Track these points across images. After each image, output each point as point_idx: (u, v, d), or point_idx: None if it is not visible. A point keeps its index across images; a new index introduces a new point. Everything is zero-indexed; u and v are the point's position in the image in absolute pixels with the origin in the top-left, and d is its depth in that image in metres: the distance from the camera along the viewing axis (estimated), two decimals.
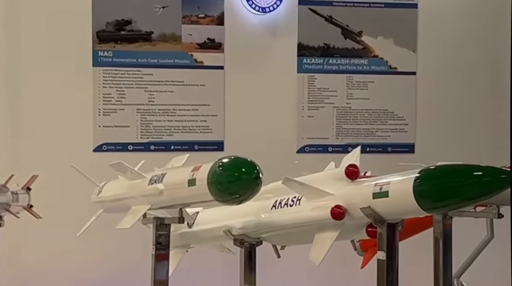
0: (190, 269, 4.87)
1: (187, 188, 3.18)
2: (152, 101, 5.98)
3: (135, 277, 5.09)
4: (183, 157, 3.99)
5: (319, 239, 3.43)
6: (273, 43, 6.15)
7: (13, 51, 5.71)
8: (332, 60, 6.24)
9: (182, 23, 5.97)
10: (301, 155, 6.17)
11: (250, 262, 3.90)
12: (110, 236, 4.97)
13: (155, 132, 6.00)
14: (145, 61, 5.95)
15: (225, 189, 3.00)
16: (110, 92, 5.90)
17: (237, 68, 6.09)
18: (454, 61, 6.42)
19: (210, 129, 6.08)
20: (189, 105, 6.05)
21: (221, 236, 3.95)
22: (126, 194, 3.78)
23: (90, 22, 5.80)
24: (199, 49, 6.01)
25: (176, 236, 4.06)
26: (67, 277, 5.70)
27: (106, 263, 5.76)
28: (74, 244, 4.99)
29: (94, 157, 5.81)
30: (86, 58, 5.82)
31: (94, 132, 5.88)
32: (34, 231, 5.34)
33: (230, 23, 6.04)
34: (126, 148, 5.94)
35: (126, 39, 5.90)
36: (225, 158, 3.04)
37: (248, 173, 2.95)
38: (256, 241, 3.87)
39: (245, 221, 3.80)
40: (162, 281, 3.55)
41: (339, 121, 6.27)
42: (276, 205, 3.70)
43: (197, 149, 6.00)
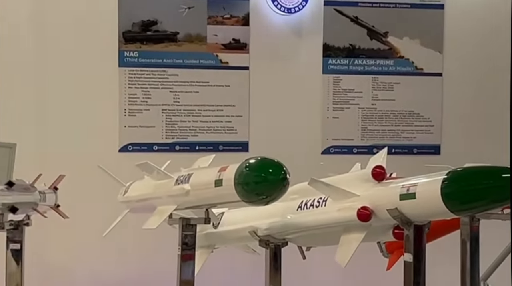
0: (215, 270, 4.86)
1: (213, 189, 3.19)
2: (177, 102, 5.99)
3: (161, 278, 5.10)
4: (209, 157, 4.00)
5: (345, 241, 3.41)
6: (299, 44, 6.14)
7: (40, 52, 5.75)
8: (357, 61, 6.22)
9: (208, 24, 5.98)
10: (325, 156, 6.16)
11: (276, 263, 3.90)
12: (136, 236, 4.99)
13: (180, 133, 6.01)
14: (170, 62, 5.96)
15: (252, 190, 2.99)
16: (135, 93, 5.92)
17: (262, 69, 6.09)
18: (481, 62, 6.37)
19: (235, 130, 6.09)
20: (214, 106, 6.05)
21: (246, 236, 3.95)
22: (152, 194, 3.79)
23: (116, 23, 5.83)
24: (224, 49, 6.01)
25: (202, 237, 4.06)
26: (93, 277, 5.73)
27: (132, 263, 5.78)
28: (100, 244, 5.02)
29: (119, 157, 5.83)
30: (112, 58, 5.84)
31: (120, 133, 5.90)
32: (60, 231, 5.36)
33: (255, 23, 6.04)
34: (151, 148, 5.95)
35: (151, 40, 5.92)
36: (252, 159, 3.04)
37: (275, 174, 2.94)
38: (282, 242, 3.87)
39: (270, 222, 3.80)
40: (188, 281, 3.56)
41: (364, 122, 6.24)
42: (302, 206, 3.69)
43: (221, 150, 6.00)
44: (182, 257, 3.55)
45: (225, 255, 4.60)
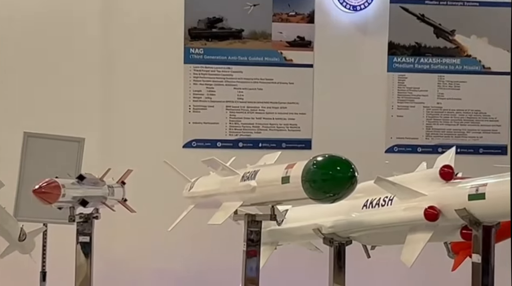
0: (279, 267, 4.87)
1: (280, 186, 3.17)
2: (241, 99, 6.02)
3: (225, 272, 5.14)
4: (275, 154, 3.99)
5: (411, 240, 3.37)
6: (363, 42, 6.11)
7: (107, 48, 5.84)
8: (423, 59, 6.16)
9: (273, 21, 6.00)
10: (389, 154, 6.11)
11: (339, 261, 3.87)
12: (201, 231, 5.01)
13: (244, 130, 6.04)
14: (235, 59, 5.99)
15: (319, 187, 2.97)
16: (200, 89, 5.97)
17: (326, 66, 6.07)
18: None
19: (298, 127, 6.09)
20: (278, 103, 6.06)
21: (310, 234, 3.93)
22: (217, 190, 3.80)
23: (183, 20, 5.89)
24: (289, 47, 6.02)
25: (265, 233, 4.06)
26: (157, 271, 5.80)
27: (196, 258, 5.83)
28: (165, 238, 5.08)
29: (183, 153, 5.89)
30: (177, 55, 5.91)
31: (184, 129, 5.96)
32: (126, 225, 5.44)
33: (320, 21, 6.03)
34: (215, 144, 6.00)
35: (217, 37, 5.97)
36: (319, 156, 3.02)
37: (343, 172, 2.92)
38: (346, 240, 3.84)
39: (335, 220, 3.78)
40: (252, 277, 3.56)
41: (429, 121, 6.18)
42: (367, 205, 3.66)
43: (284, 147, 6.01)
44: (247, 253, 3.55)
45: (288, 252, 4.60)
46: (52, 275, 5.09)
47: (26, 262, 4.94)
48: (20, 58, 5.74)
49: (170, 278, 5.83)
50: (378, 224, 3.56)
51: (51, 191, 3.42)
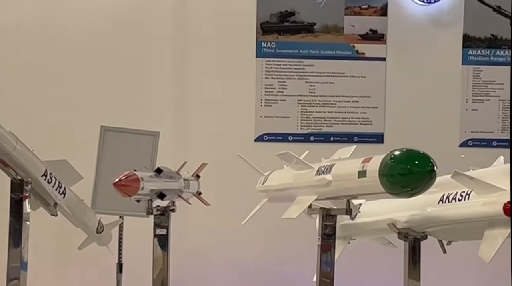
0: (352, 261, 4.85)
1: (356, 180, 3.15)
2: (312, 93, 6.01)
3: (298, 267, 5.16)
4: (350, 148, 3.97)
5: (489, 236, 3.32)
6: (437, 35, 6.02)
7: (181, 42, 5.90)
8: (499, 52, 6.05)
9: (345, 14, 5.97)
10: (464, 148, 6.03)
11: (415, 256, 3.84)
12: (274, 225, 5.04)
13: (315, 124, 6.03)
14: (307, 52, 5.99)
15: (397, 182, 2.94)
16: (272, 83, 5.98)
17: (399, 59, 6.02)
18: None
19: (370, 121, 6.05)
20: (350, 97, 6.04)
21: (384, 229, 3.91)
22: (292, 184, 3.80)
23: (255, 14, 5.91)
24: (361, 40, 5.99)
25: (338, 228, 4.04)
26: (231, 264, 5.85)
27: (270, 252, 5.86)
28: (239, 232, 5.11)
29: (255, 147, 5.92)
30: (250, 49, 5.93)
31: (256, 123, 5.98)
32: (200, 218, 5.49)
33: (393, 14, 5.98)
34: (286, 138, 6.00)
35: (289, 31, 5.97)
36: (397, 150, 3.00)
37: (421, 166, 2.89)
38: (421, 235, 3.81)
39: (410, 215, 3.75)
40: (327, 271, 3.56)
41: (505, 115, 6.07)
42: (443, 199, 3.62)
43: (356, 141, 5.98)
44: (321, 247, 3.55)
45: (361, 247, 4.58)
46: (128, 267, 5.18)
47: (104, 254, 5.04)
48: (97, 58, 5.85)
49: (244, 271, 5.86)
50: (455, 219, 3.51)
51: (130, 184, 3.47)
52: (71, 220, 4.50)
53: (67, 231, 4.80)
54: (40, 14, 5.81)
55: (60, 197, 4.16)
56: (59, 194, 4.14)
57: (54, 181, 4.08)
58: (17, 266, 3.85)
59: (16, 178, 3.84)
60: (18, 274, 3.86)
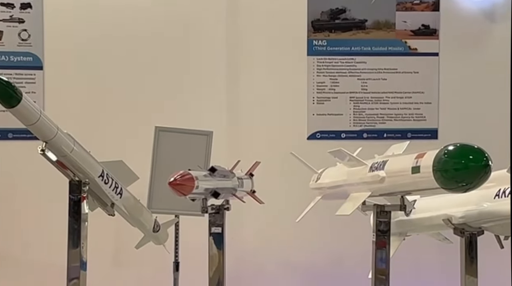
0: (408, 258, 4.83)
1: (410, 175, 3.16)
2: (365, 89, 5.99)
3: (352, 264, 5.16)
4: (403, 144, 3.97)
5: None
6: (491, 29, 5.95)
7: (233, 42, 5.93)
8: None
9: (396, 10, 5.93)
10: None
11: (471, 252, 3.82)
12: (327, 222, 5.04)
13: (368, 120, 6.01)
14: (358, 49, 5.97)
15: (451, 177, 2.93)
16: (324, 81, 5.98)
17: (452, 55, 5.96)
18: None
19: (424, 117, 6.01)
20: (402, 93, 6.00)
21: (439, 224, 3.90)
22: (345, 180, 3.81)
23: (306, 12, 5.91)
24: (413, 36, 5.94)
25: (393, 224, 4.03)
26: (285, 262, 5.87)
27: (324, 249, 5.85)
28: (293, 230, 5.12)
29: (308, 145, 5.92)
30: (301, 47, 5.94)
31: (308, 120, 5.98)
32: (255, 216, 5.52)
33: (445, 8, 5.92)
34: (339, 135, 5.99)
35: (340, 28, 5.96)
36: (451, 145, 2.98)
37: (476, 161, 2.88)
38: (478, 230, 3.79)
39: (466, 210, 3.73)
40: (382, 268, 3.56)
41: None
42: (499, 194, 3.60)
43: (410, 137, 5.93)
44: (376, 244, 3.56)
45: (417, 243, 4.56)
46: (185, 265, 5.23)
47: (161, 253, 5.10)
48: (152, 59, 5.91)
49: (298, 269, 5.87)
50: None
51: (185, 183, 3.51)
52: (128, 219, 4.56)
53: (124, 231, 4.87)
54: (95, 15, 5.89)
55: (117, 197, 4.22)
56: (116, 194, 4.20)
57: (111, 181, 4.14)
58: (76, 266, 3.92)
59: (74, 179, 3.91)
60: (78, 274, 3.93)
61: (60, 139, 3.74)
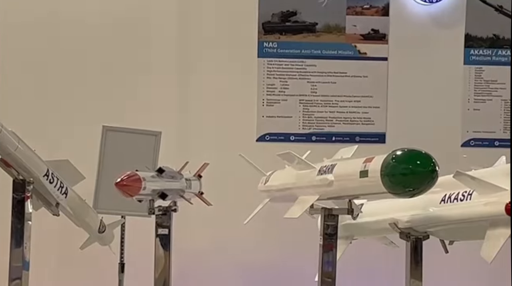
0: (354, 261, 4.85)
1: (358, 179, 3.16)
2: (314, 92, 6.01)
3: (300, 266, 5.15)
4: (352, 148, 3.98)
5: (491, 236, 3.33)
6: (439, 34, 6.02)
7: (183, 42, 5.90)
8: (501, 51, 6.05)
9: (347, 14, 5.96)
10: (465, 148, 6.02)
11: (417, 256, 3.85)
12: (276, 225, 5.03)
13: (317, 123, 6.03)
14: (308, 52, 5.99)
15: (399, 182, 2.95)
16: (273, 83, 5.98)
17: (401, 59, 6.01)
18: None
19: (372, 121, 6.05)
20: (351, 97, 6.03)
21: (386, 228, 3.92)
22: (294, 183, 3.81)
23: (256, 14, 5.90)
24: (363, 40, 5.98)
25: (340, 227, 4.05)
26: (233, 264, 5.84)
27: (272, 252, 5.85)
28: (240, 232, 5.10)
29: (257, 147, 5.91)
30: (251, 49, 5.93)
31: (258, 122, 5.98)
32: (202, 218, 5.49)
33: (395, 13, 5.97)
34: (288, 138, 6.00)
35: (290, 30, 5.97)
36: (399, 150, 3.00)
37: (423, 166, 2.90)
38: (423, 235, 3.82)
39: (412, 214, 3.75)
40: (329, 271, 3.56)
41: (507, 114, 6.07)
42: (445, 199, 3.63)
43: (358, 141, 5.97)
44: (323, 247, 3.56)
45: (363, 247, 4.58)
46: (130, 267, 5.18)
47: (106, 254, 5.04)
48: (99, 58, 5.84)
49: (245, 271, 5.86)
50: (457, 219, 3.52)
51: (132, 184, 3.48)
52: (73, 220, 4.50)
53: (69, 231, 4.80)
54: (43, 15, 5.80)
55: (62, 196, 4.17)
56: (61, 193, 4.15)
57: (56, 180, 4.08)
58: (19, 266, 3.86)
59: (18, 178, 3.85)
60: (20, 274, 3.86)
61: (4, 137, 3.67)
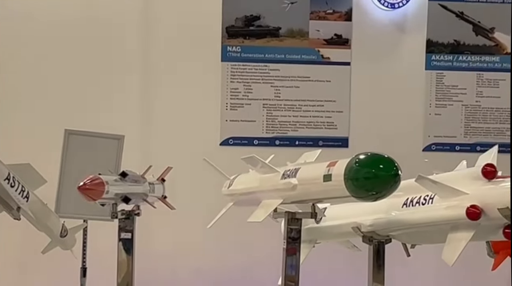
0: (317, 265, 4.87)
1: (322, 183, 3.17)
2: (278, 97, 6.03)
3: (264, 270, 5.15)
4: (315, 152, 3.98)
5: (452, 239, 3.36)
6: (401, 40, 6.08)
7: (147, 46, 5.88)
8: (462, 57, 6.12)
9: (310, 19, 5.99)
10: (427, 153, 6.09)
11: (379, 260, 3.86)
12: (239, 228, 5.03)
13: (281, 128, 6.04)
14: (272, 57, 6.00)
15: (362, 186, 2.96)
16: (237, 87, 5.99)
17: (364, 64, 6.06)
18: None
19: (335, 125, 6.08)
20: (315, 101, 6.06)
21: (349, 232, 3.93)
22: (257, 187, 3.81)
23: (220, 18, 5.91)
24: (326, 45, 6.02)
25: (303, 231, 4.05)
26: (196, 268, 5.84)
27: (235, 255, 5.85)
28: (204, 235, 5.09)
29: (220, 151, 5.91)
30: (215, 53, 5.93)
31: (221, 127, 5.98)
32: (166, 222, 5.47)
33: (358, 19, 6.02)
34: (252, 142, 6.01)
35: (254, 35, 5.98)
36: (362, 154, 3.01)
37: (386, 170, 2.91)
38: (385, 238, 3.84)
39: (374, 218, 3.77)
40: (292, 274, 3.56)
41: (468, 119, 6.14)
42: (407, 203, 3.65)
43: (321, 145, 6.00)
44: (287, 251, 3.56)
45: (326, 251, 4.60)
46: (92, 271, 5.14)
47: (67, 258, 4.99)
48: (62, 60, 5.80)
49: (209, 275, 5.85)
50: (419, 222, 3.54)
51: (95, 188, 3.46)
52: (35, 224, 4.45)
53: (30, 235, 4.75)
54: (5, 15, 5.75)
55: (23, 200, 4.11)
56: (22, 197, 4.10)
57: (17, 184, 4.03)
58: None
59: None
60: None
61: None
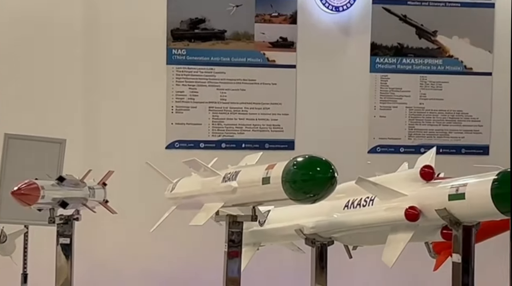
0: (261, 268, 4.88)
1: (261, 186, 3.18)
2: (224, 100, 6.02)
3: (206, 274, 5.13)
4: (256, 155, 3.99)
5: (392, 240, 3.39)
6: (346, 43, 6.12)
7: (90, 49, 5.82)
8: (405, 60, 6.18)
9: (255, 22, 6.00)
10: (372, 155, 6.13)
11: (321, 262, 3.89)
12: (183, 232, 5.01)
13: (227, 131, 6.03)
14: (217, 60, 5.99)
15: (299, 188, 2.98)
16: (183, 90, 5.96)
17: (309, 67, 6.08)
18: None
19: (281, 128, 6.09)
20: (261, 104, 6.07)
21: (292, 235, 3.94)
22: (199, 191, 3.80)
23: (165, 21, 5.88)
24: (272, 48, 6.03)
25: (247, 234, 4.06)
26: (140, 272, 5.79)
27: (178, 259, 5.82)
28: (147, 239, 5.05)
29: (166, 154, 5.88)
30: (160, 56, 5.89)
31: (167, 130, 5.95)
32: (109, 226, 5.42)
33: (303, 22, 6.04)
34: (198, 145, 5.99)
35: (199, 38, 5.96)
36: (299, 157, 3.03)
37: (323, 172, 2.93)
38: (328, 240, 3.86)
39: (317, 221, 3.79)
40: (234, 278, 3.56)
41: (412, 121, 6.20)
42: (348, 205, 3.68)
43: (267, 148, 6.01)
44: (228, 254, 3.56)
45: (270, 253, 4.60)
46: (34, 277, 5.06)
47: (7, 264, 4.91)
48: (5, 65, 5.72)
49: (153, 279, 5.81)
50: (359, 224, 3.57)
51: (30, 193, 3.41)
52: None
53: None
54: None
55: None
56: None
57: None
58: None
59: None
60: None
61: None
